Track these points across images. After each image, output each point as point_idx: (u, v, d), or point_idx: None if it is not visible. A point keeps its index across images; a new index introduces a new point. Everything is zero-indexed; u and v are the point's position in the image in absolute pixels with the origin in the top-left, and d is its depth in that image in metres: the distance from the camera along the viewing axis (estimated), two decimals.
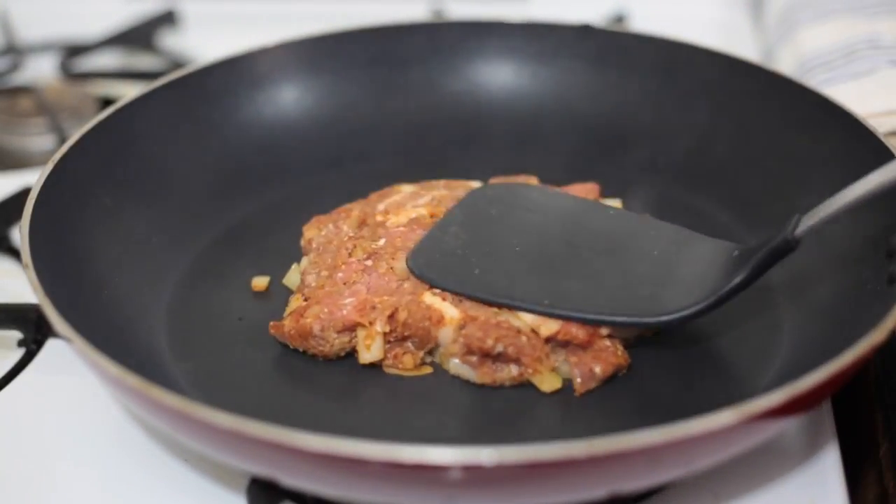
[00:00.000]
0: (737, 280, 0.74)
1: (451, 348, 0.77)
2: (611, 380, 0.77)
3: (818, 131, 0.90)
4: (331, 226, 0.87)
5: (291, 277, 0.86)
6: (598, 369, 0.75)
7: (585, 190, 0.91)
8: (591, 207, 0.87)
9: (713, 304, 0.74)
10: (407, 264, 0.81)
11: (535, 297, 0.77)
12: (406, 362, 0.78)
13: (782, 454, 0.73)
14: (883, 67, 0.99)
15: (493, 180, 0.92)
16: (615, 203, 0.91)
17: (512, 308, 0.77)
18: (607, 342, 0.76)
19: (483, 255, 0.81)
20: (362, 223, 0.87)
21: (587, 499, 0.65)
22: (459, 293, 0.78)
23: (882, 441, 0.78)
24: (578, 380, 0.75)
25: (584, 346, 0.76)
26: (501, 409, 0.76)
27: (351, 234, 0.86)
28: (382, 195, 0.91)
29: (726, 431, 0.62)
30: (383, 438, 0.63)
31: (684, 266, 0.79)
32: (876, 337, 0.67)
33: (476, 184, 0.92)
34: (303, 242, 0.87)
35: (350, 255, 0.83)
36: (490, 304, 0.78)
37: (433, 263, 0.81)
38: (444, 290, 0.79)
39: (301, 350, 0.79)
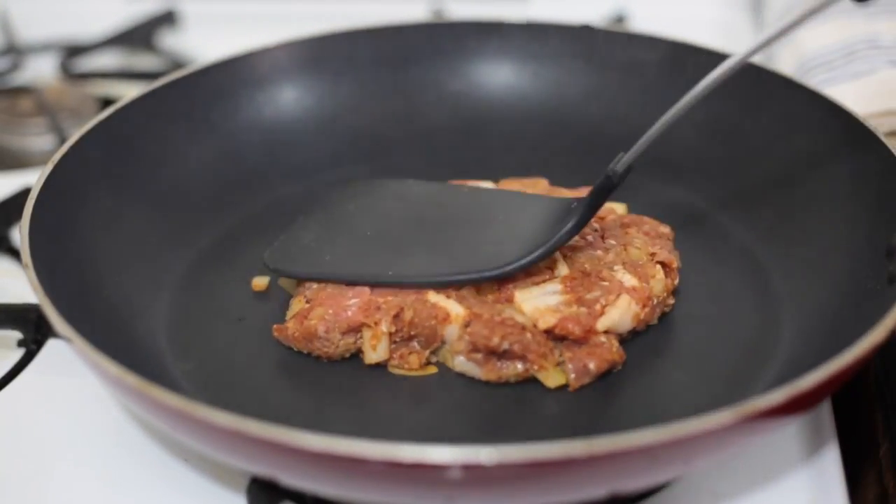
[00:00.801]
0: (569, 225, 0.78)
1: (457, 346, 0.77)
2: (612, 377, 0.77)
3: (818, 131, 0.90)
4: None
5: (287, 280, 0.86)
6: (592, 365, 0.76)
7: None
8: (446, 189, 0.90)
9: (548, 251, 0.78)
10: (263, 261, 0.84)
11: (380, 271, 0.80)
12: (412, 362, 0.78)
13: (782, 454, 0.73)
14: (883, 67, 0.99)
15: (504, 182, 0.92)
16: (619, 207, 0.91)
17: (356, 283, 0.80)
18: (602, 338, 0.77)
19: (334, 244, 0.85)
20: None
21: (587, 498, 0.65)
22: (308, 278, 0.82)
23: (882, 441, 0.78)
24: (572, 375, 0.76)
25: (579, 342, 0.76)
26: (507, 407, 0.76)
27: None
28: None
29: (726, 431, 0.62)
30: (388, 439, 0.63)
31: (527, 224, 0.82)
32: (876, 337, 0.67)
33: (484, 183, 0.92)
34: None
35: None
36: (336, 282, 0.81)
37: (286, 256, 0.84)
38: (294, 277, 0.83)
39: (305, 352, 0.79)
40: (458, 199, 0.88)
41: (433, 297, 0.79)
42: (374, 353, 0.78)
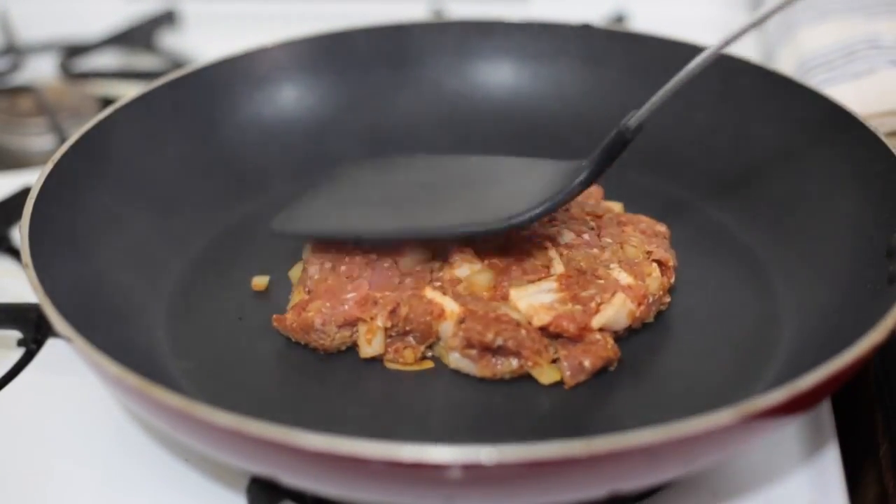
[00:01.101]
0: (581, 177, 0.78)
1: (452, 342, 0.77)
2: (608, 374, 0.77)
3: (818, 131, 0.90)
4: None
5: (296, 271, 0.86)
6: (587, 362, 0.76)
7: (588, 194, 0.91)
8: (453, 159, 0.91)
9: (561, 201, 0.78)
10: (271, 228, 0.85)
11: (383, 227, 0.81)
12: (407, 357, 0.79)
13: (782, 454, 0.73)
14: (883, 67, 0.99)
15: None
16: (616, 206, 0.91)
17: (361, 239, 0.82)
18: (598, 335, 0.77)
19: (340, 207, 0.85)
20: None
21: (587, 498, 0.65)
22: (310, 235, 0.84)
23: (882, 441, 0.78)
24: (567, 372, 0.76)
25: (574, 339, 0.76)
26: (501, 403, 0.76)
27: None
28: None
29: (726, 431, 0.62)
30: (384, 434, 0.64)
31: (536, 183, 0.81)
32: (876, 337, 0.67)
33: None
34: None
35: (354, 249, 0.83)
36: (341, 239, 0.83)
37: (292, 220, 0.85)
38: (296, 235, 0.85)
39: (303, 343, 0.80)
40: (465, 166, 0.88)
41: (429, 293, 0.79)
42: (370, 347, 0.78)
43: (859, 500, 0.77)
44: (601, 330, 0.77)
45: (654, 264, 0.82)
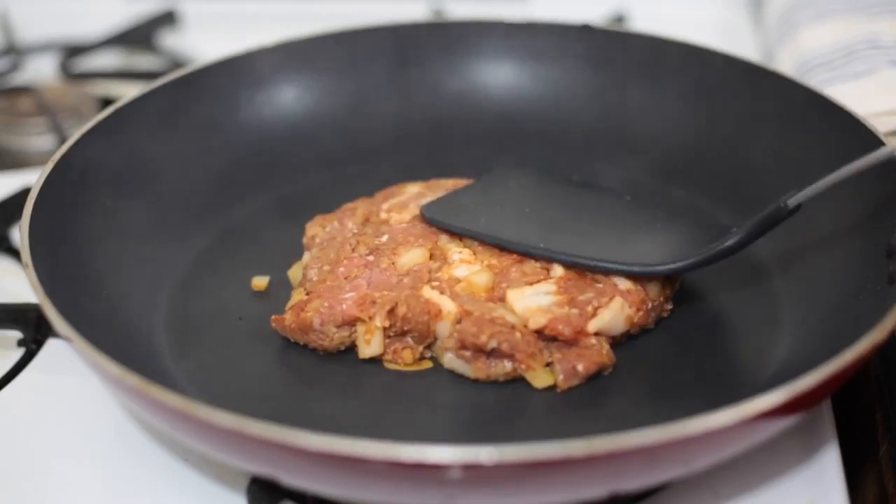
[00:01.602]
0: (732, 240, 0.78)
1: (447, 343, 0.77)
2: (602, 379, 0.77)
3: (818, 131, 0.90)
4: (335, 223, 0.87)
5: (295, 271, 0.86)
6: (580, 367, 0.76)
7: None
8: (602, 192, 0.91)
9: (703, 261, 0.78)
10: (420, 211, 0.86)
11: (531, 242, 0.81)
12: (405, 357, 0.79)
13: (782, 454, 0.73)
14: (883, 67, 0.99)
15: None
16: None
17: (506, 248, 0.82)
18: (593, 340, 0.77)
19: (492, 211, 0.86)
20: (366, 221, 0.88)
21: (587, 498, 0.65)
22: (458, 232, 0.84)
23: (882, 441, 0.78)
24: (561, 376, 0.76)
25: (569, 343, 0.76)
26: (497, 405, 0.76)
27: (355, 231, 0.86)
28: (388, 194, 0.91)
29: (726, 431, 0.62)
30: (382, 434, 0.64)
31: (683, 233, 0.83)
32: (876, 337, 0.67)
33: None
34: (305, 239, 0.88)
35: (353, 250, 0.83)
36: (487, 243, 0.82)
37: (443, 210, 0.86)
38: (446, 228, 0.84)
39: (301, 344, 0.80)
40: (612, 202, 0.88)
41: (427, 292, 0.79)
42: (368, 347, 0.78)
43: (859, 500, 0.77)
44: (597, 334, 0.77)
45: None
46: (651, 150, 0.99)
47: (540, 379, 0.76)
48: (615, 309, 0.78)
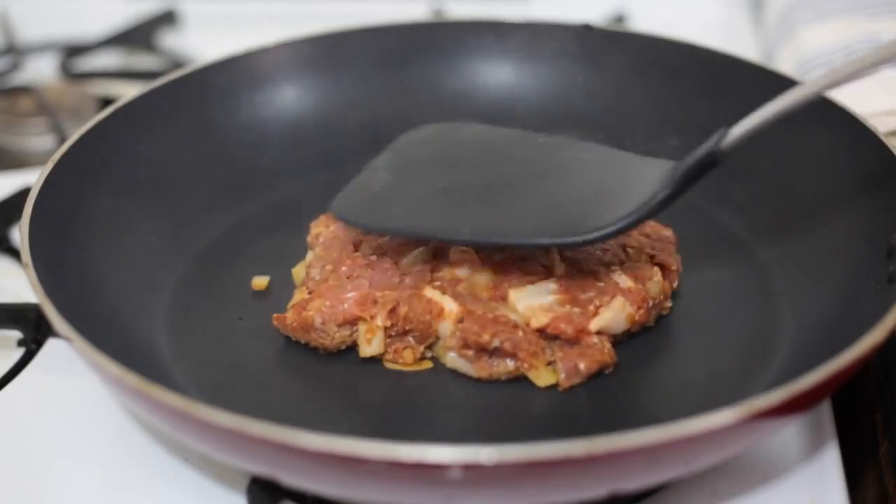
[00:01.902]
0: (662, 194, 0.73)
1: (449, 342, 0.77)
2: (604, 378, 0.77)
3: (818, 131, 0.90)
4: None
5: (299, 270, 0.86)
6: (582, 365, 0.76)
7: None
8: (522, 137, 0.87)
9: (639, 219, 0.74)
10: (330, 209, 0.81)
11: (455, 228, 0.77)
12: (406, 357, 0.79)
13: (782, 454, 0.73)
14: None
15: None
16: None
17: (428, 239, 0.79)
18: (595, 339, 0.77)
19: (406, 195, 0.81)
20: None
21: (587, 498, 0.65)
22: (378, 231, 0.80)
23: (882, 441, 0.78)
24: (562, 375, 0.76)
25: (571, 342, 0.76)
26: (499, 404, 0.76)
27: (358, 231, 0.86)
28: None
29: (726, 431, 0.62)
30: (382, 433, 0.64)
31: (614, 184, 0.78)
32: (876, 337, 0.67)
33: None
34: (309, 238, 0.88)
35: (356, 249, 0.83)
36: (407, 237, 0.79)
37: (355, 206, 0.80)
38: (363, 228, 0.80)
39: (303, 343, 0.80)
40: (538, 149, 0.84)
41: (429, 292, 0.79)
42: (369, 346, 0.78)
43: (859, 500, 0.77)
44: (599, 333, 0.77)
45: (657, 268, 0.82)
46: (651, 150, 0.99)
47: (542, 378, 0.76)
48: (617, 308, 0.78)
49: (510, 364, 0.77)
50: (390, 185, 0.82)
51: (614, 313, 0.78)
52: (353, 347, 0.80)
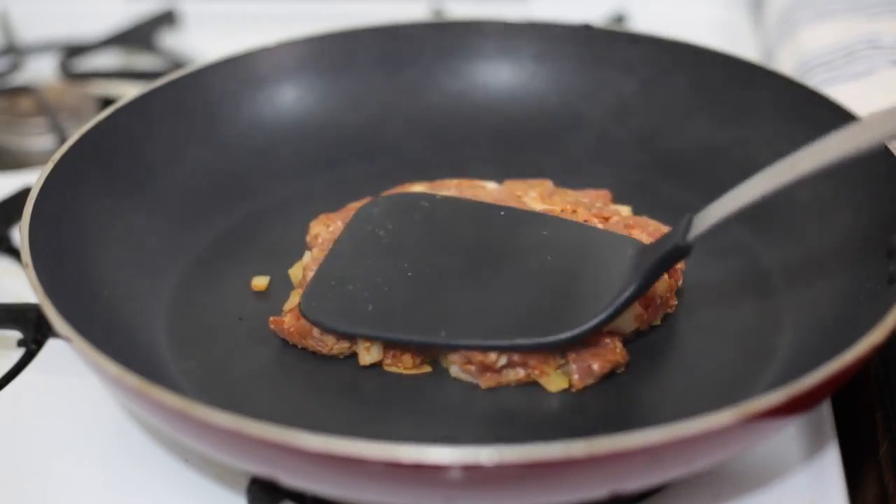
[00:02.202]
0: (628, 293, 0.73)
1: (453, 357, 0.77)
2: (615, 377, 0.77)
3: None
4: (339, 222, 0.87)
5: (296, 271, 0.86)
6: (595, 366, 0.76)
7: (597, 196, 0.91)
8: (482, 211, 0.85)
9: (610, 317, 0.74)
10: (300, 309, 0.78)
11: (431, 330, 0.76)
12: (405, 361, 0.78)
13: (782, 454, 0.73)
14: (883, 67, 0.99)
15: (508, 183, 0.92)
16: (624, 209, 0.90)
17: (408, 344, 0.77)
18: (607, 340, 0.76)
19: (374, 287, 0.79)
20: None
21: (588, 498, 0.65)
22: (355, 335, 0.77)
23: (882, 441, 0.78)
24: (576, 376, 0.76)
25: (583, 343, 0.76)
26: (499, 405, 0.76)
27: None
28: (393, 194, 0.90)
29: (726, 431, 0.62)
30: (382, 434, 0.64)
31: (582, 271, 0.78)
32: (876, 337, 0.67)
33: (488, 184, 0.92)
34: (308, 238, 0.87)
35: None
36: (387, 341, 0.77)
37: (327, 306, 0.78)
38: (339, 333, 0.77)
39: (300, 346, 0.80)
40: (498, 226, 0.83)
41: None
42: (368, 354, 0.78)
43: (859, 500, 0.77)
44: (610, 333, 0.77)
45: None
46: (651, 150, 0.99)
47: (554, 383, 0.76)
48: None
49: (521, 372, 0.76)
50: (358, 276, 0.80)
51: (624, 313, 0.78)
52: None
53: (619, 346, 0.77)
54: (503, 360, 0.75)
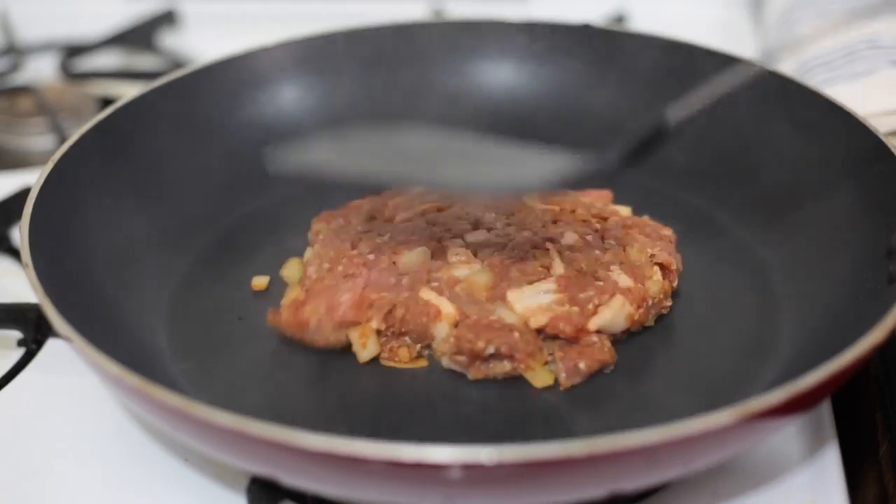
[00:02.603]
0: (610, 154, 0.71)
1: (443, 347, 0.77)
2: (603, 377, 0.77)
3: (818, 131, 0.90)
4: (340, 219, 0.87)
5: (289, 270, 0.86)
6: (582, 364, 0.76)
7: (597, 196, 0.91)
8: (463, 135, 0.80)
9: (588, 171, 0.71)
10: (266, 162, 0.74)
11: (417, 175, 0.72)
12: (402, 355, 0.79)
13: (782, 454, 0.73)
14: (883, 67, 0.99)
15: None
16: (624, 210, 0.90)
17: (379, 181, 0.72)
18: (594, 338, 0.77)
19: (359, 150, 0.74)
20: (372, 218, 0.87)
21: (587, 498, 0.65)
22: (320, 173, 0.72)
23: (882, 441, 0.78)
24: (563, 374, 0.76)
25: (570, 341, 0.76)
26: (498, 403, 0.76)
27: (359, 229, 0.86)
28: (395, 192, 0.90)
29: (726, 431, 0.62)
30: (382, 433, 0.64)
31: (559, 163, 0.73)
32: (876, 337, 0.67)
33: None
34: (310, 234, 0.88)
35: (354, 248, 0.83)
36: (354, 180, 0.71)
37: (304, 155, 0.74)
38: (301, 173, 0.73)
39: (297, 341, 0.80)
40: (484, 141, 0.78)
41: (426, 294, 0.79)
42: (365, 350, 0.79)
43: (859, 500, 0.77)
44: (598, 332, 0.77)
45: (656, 267, 0.82)
46: (651, 150, 0.99)
47: (539, 378, 0.76)
48: (616, 307, 0.78)
49: (507, 365, 0.77)
50: (338, 149, 0.75)
51: (614, 312, 0.78)
52: (349, 346, 0.80)
53: (607, 345, 0.77)
54: (491, 349, 0.75)
